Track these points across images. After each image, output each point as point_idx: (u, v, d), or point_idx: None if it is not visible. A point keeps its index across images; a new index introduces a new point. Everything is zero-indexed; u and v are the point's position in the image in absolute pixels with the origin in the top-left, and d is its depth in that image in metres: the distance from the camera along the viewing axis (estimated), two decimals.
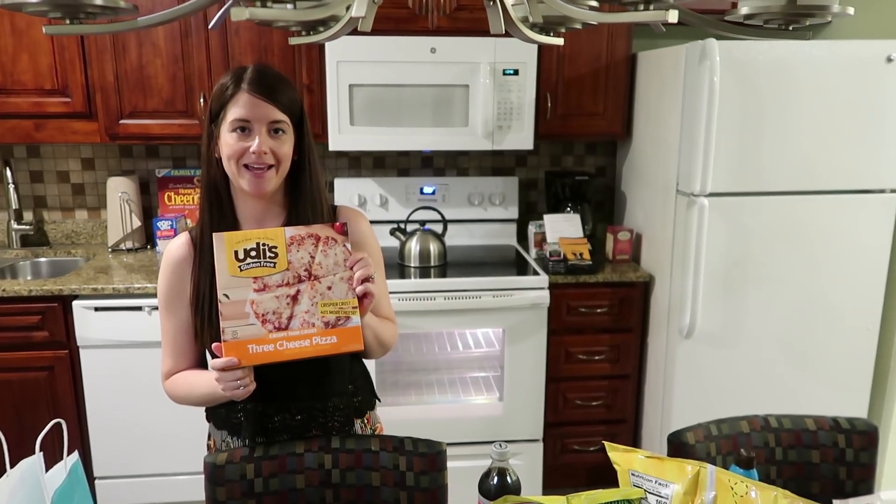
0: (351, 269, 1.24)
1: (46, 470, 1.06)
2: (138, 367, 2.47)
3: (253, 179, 1.28)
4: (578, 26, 0.91)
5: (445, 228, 2.83)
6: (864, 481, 1.49)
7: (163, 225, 2.84)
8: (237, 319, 1.19)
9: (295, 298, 1.21)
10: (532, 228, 2.89)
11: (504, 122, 2.68)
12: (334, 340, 1.23)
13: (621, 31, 2.72)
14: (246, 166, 1.28)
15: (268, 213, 1.37)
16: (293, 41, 0.91)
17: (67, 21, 0.75)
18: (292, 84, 1.33)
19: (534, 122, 2.72)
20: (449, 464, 1.41)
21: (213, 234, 1.19)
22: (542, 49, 2.69)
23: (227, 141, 1.27)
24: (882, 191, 2.44)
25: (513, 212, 3.08)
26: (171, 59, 2.57)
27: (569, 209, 2.95)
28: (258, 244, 1.19)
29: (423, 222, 2.81)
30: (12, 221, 2.90)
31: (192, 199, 2.96)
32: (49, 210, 2.99)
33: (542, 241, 2.84)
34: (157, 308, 2.41)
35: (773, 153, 2.35)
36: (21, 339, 2.44)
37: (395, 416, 2.54)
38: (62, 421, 1.14)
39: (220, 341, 1.24)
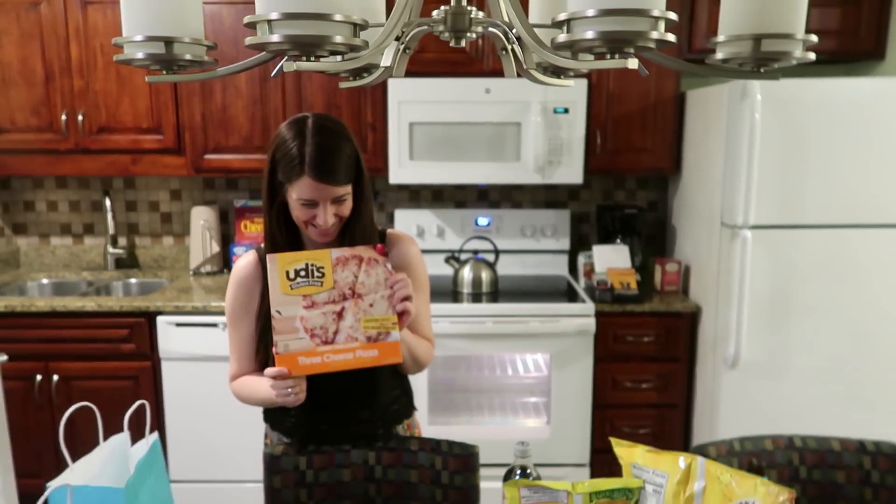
0: (391, 287, 1.37)
1: (131, 445, 1.26)
2: (212, 378, 2.70)
3: (319, 234, 1.43)
4: (585, 71, 1.05)
5: (497, 257, 2.98)
6: (891, 503, 1.52)
7: (238, 251, 3.11)
8: (288, 334, 1.34)
9: (340, 315, 1.36)
10: (581, 259, 3.00)
11: (554, 157, 2.83)
12: (375, 354, 1.37)
13: (669, 71, 2.84)
14: (313, 225, 1.41)
15: (325, 244, 1.54)
16: (343, 85, 1.10)
17: (164, 72, 0.96)
18: (350, 141, 1.42)
19: (583, 158, 2.85)
20: (496, 484, 1.45)
21: (267, 256, 1.33)
22: (592, 88, 2.84)
23: (296, 206, 1.39)
24: None
25: (564, 243, 3.20)
26: (251, 101, 2.85)
27: (618, 241, 3.04)
28: (307, 265, 1.34)
29: (476, 251, 2.96)
30: (108, 246, 3.23)
31: None
32: (140, 236, 3.31)
33: (590, 271, 2.94)
34: None
35: (816, 187, 2.40)
36: (111, 350, 2.72)
37: (445, 435, 2.66)
38: (146, 402, 1.33)
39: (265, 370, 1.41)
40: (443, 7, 0.92)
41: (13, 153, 2.88)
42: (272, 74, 0.92)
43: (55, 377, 2.72)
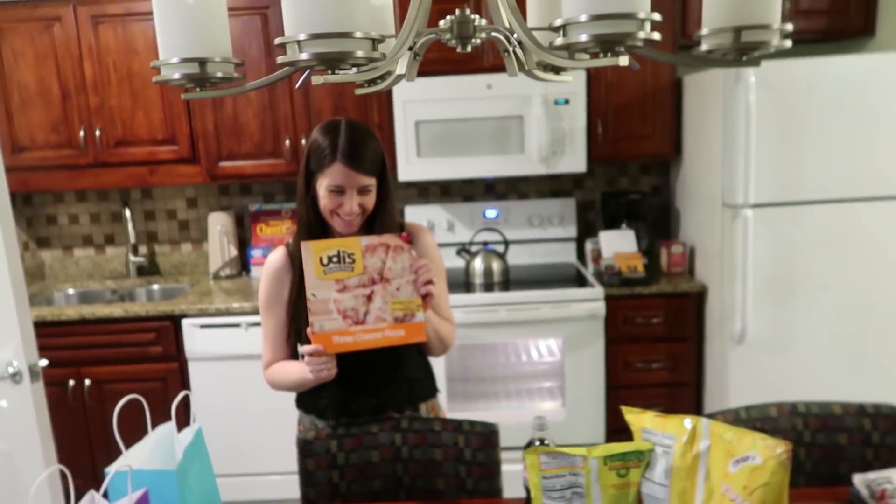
0: (416, 272, 1.49)
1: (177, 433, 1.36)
2: (237, 376, 2.81)
3: (343, 225, 1.56)
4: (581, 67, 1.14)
5: (507, 248, 3.06)
6: (892, 462, 1.60)
7: (255, 253, 3.21)
8: (323, 315, 1.46)
9: (369, 298, 1.48)
10: (589, 245, 3.08)
11: (557, 147, 2.91)
12: (402, 333, 1.50)
13: None
14: (338, 214, 1.55)
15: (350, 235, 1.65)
16: (359, 91, 1.19)
17: (198, 89, 1.05)
18: (377, 139, 1.57)
19: (586, 147, 2.93)
20: (516, 466, 1.53)
21: (302, 243, 1.46)
22: (591, 79, 2.92)
23: (324, 195, 1.54)
24: None
25: (571, 231, 3.28)
26: (261, 108, 2.95)
27: (624, 226, 3.12)
28: (339, 252, 1.46)
29: (486, 243, 3.05)
30: (129, 254, 3.34)
31: (281, 229, 3.33)
32: (159, 244, 3.42)
33: (598, 256, 3.03)
34: (253, 325, 2.75)
35: (813, 164, 2.47)
36: (139, 353, 2.83)
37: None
38: (189, 393, 1.42)
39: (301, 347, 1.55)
40: (448, 17, 1.01)
41: (34, 170, 2.99)
42: (297, 86, 1.01)
43: (87, 381, 2.83)
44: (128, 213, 3.23)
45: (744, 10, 0.97)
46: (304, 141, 2.96)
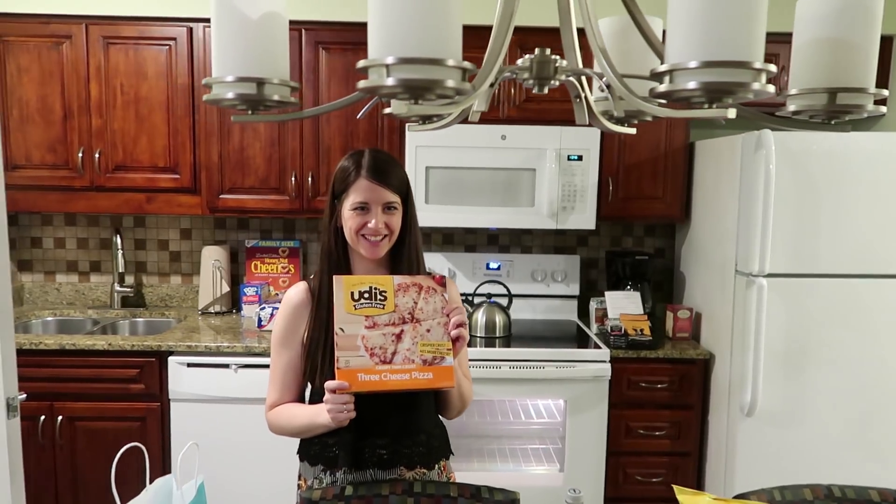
0: (448, 315, 1.43)
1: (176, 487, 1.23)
2: (223, 420, 2.65)
3: (370, 247, 1.51)
4: (649, 118, 1.09)
5: (511, 301, 2.98)
6: None
7: (249, 291, 3.09)
8: (350, 350, 1.38)
9: (399, 337, 1.41)
10: (593, 304, 3.01)
11: (568, 203, 2.87)
12: (430, 376, 1.42)
13: (679, 122, 2.91)
14: (364, 236, 1.50)
15: (375, 271, 1.59)
16: (413, 128, 1.12)
17: (249, 112, 0.97)
18: (401, 165, 1.56)
19: (596, 204, 2.90)
20: None
21: (334, 277, 1.40)
22: (605, 137, 2.90)
23: (349, 216, 1.51)
24: None
25: (574, 289, 3.22)
26: (269, 143, 2.88)
27: (629, 287, 3.07)
28: (371, 288, 1.40)
29: (489, 295, 2.97)
30: (115, 284, 3.19)
31: (276, 268, 3.22)
32: (148, 275, 3.29)
33: (603, 316, 2.96)
34: (244, 367, 2.62)
35: (829, 237, 2.45)
36: (119, 390, 2.66)
37: (459, 480, 2.62)
38: (196, 444, 1.30)
39: (326, 382, 1.45)
40: (527, 56, 0.95)
41: (26, 189, 2.87)
42: (358, 116, 0.94)
43: (59, 418, 2.65)
44: (119, 240, 3.10)
45: (839, 72, 0.92)
46: (310, 179, 2.89)
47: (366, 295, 1.39)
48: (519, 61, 0.95)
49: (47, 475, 2.69)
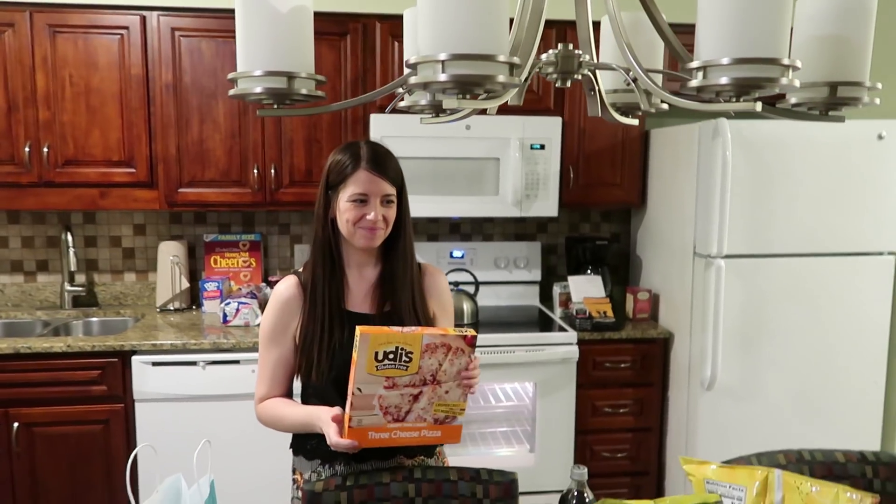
0: (469, 373, 1.41)
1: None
2: (192, 419, 2.60)
3: (367, 235, 1.51)
4: (652, 111, 1.14)
5: (477, 289, 3.03)
6: None
7: (209, 286, 3.02)
8: (364, 410, 1.36)
9: (416, 397, 1.39)
10: (557, 289, 3.09)
11: (531, 191, 2.93)
12: (438, 434, 1.44)
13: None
14: (361, 227, 1.50)
15: (368, 262, 1.59)
16: (426, 121, 1.13)
17: (276, 106, 0.97)
18: (396, 158, 1.56)
19: (558, 192, 2.97)
20: None
21: (360, 333, 1.31)
22: (565, 126, 2.97)
23: (347, 208, 1.49)
24: (880, 253, 2.68)
25: (536, 274, 3.29)
26: (229, 134, 2.81)
27: (589, 271, 3.16)
28: (397, 348, 1.33)
29: (456, 283, 3.00)
30: (65, 283, 3.06)
31: (237, 262, 3.16)
32: (100, 273, 3.16)
33: (567, 300, 3.04)
34: (211, 363, 2.58)
35: (780, 219, 2.60)
36: (80, 393, 2.57)
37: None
38: (209, 441, 1.28)
39: (323, 381, 1.51)
40: (551, 51, 0.98)
41: None
42: (387, 110, 0.95)
43: (16, 424, 2.54)
44: (70, 238, 2.97)
45: (839, 67, 0.99)
46: (273, 171, 2.84)
47: (391, 356, 1.33)
48: (543, 56, 0.98)
49: (3, 485, 2.57)
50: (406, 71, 1.11)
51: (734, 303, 2.63)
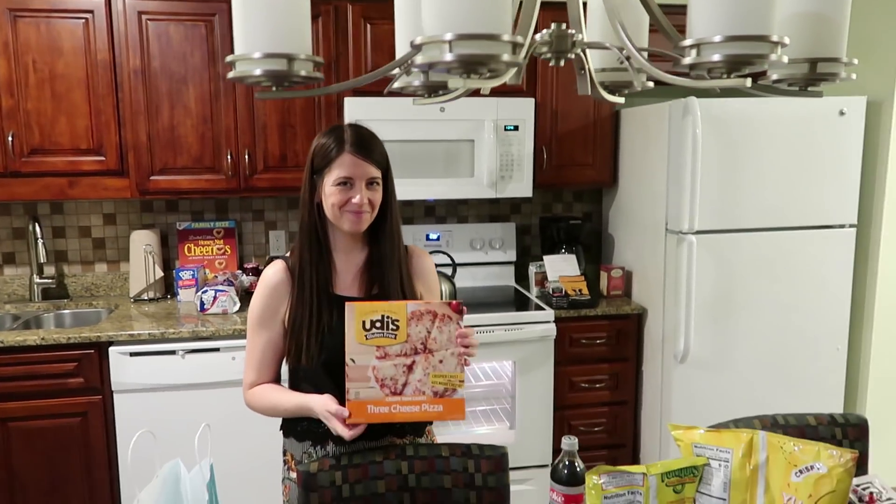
0: (461, 341, 1.42)
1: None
2: (171, 408, 2.58)
3: (353, 219, 1.51)
4: (639, 88, 1.17)
5: (455, 270, 3.05)
6: (861, 466, 1.74)
7: (184, 275, 2.99)
8: (360, 382, 1.38)
9: (410, 368, 1.41)
10: (532, 269, 3.14)
11: (506, 172, 2.96)
12: (440, 409, 1.44)
13: None
14: (348, 211, 1.50)
15: (355, 246, 1.60)
16: (418, 102, 1.15)
17: (274, 88, 0.97)
18: (381, 140, 1.56)
19: (532, 173, 3.00)
20: None
21: (346, 305, 1.37)
22: (538, 107, 3.00)
23: (332, 192, 1.50)
24: (842, 226, 2.79)
25: (511, 255, 3.33)
26: (201, 120, 2.77)
27: (563, 251, 3.21)
28: (383, 316, 1.38)
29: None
30: (34, 276, 3.00)
31: (211, 249, 3.13)
32: (69, 264, 3.10)
33: (543, 280, 3.09)
34: (190, 352, 2.56)
35: (748, 195, 2.68)
36: (56, 386, 2.53)
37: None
38: (209, 425, 1.29)
39: (313, 364, 1.52)
40: (545, 31, 1.00)
41: None
42: (385, 91, 0.96)
43: None
44: (38, 229, 2.91)
45: (818, 43, 1.03)
46: (247, 157, 2.81)
47: (377, 324, 1.37)
48: (538, 36, 1.00)
49: None
50: (399, 53, 1.12)
51: (705, 277, 2.70)
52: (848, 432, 1.76)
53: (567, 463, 1.40)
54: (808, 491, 1.08)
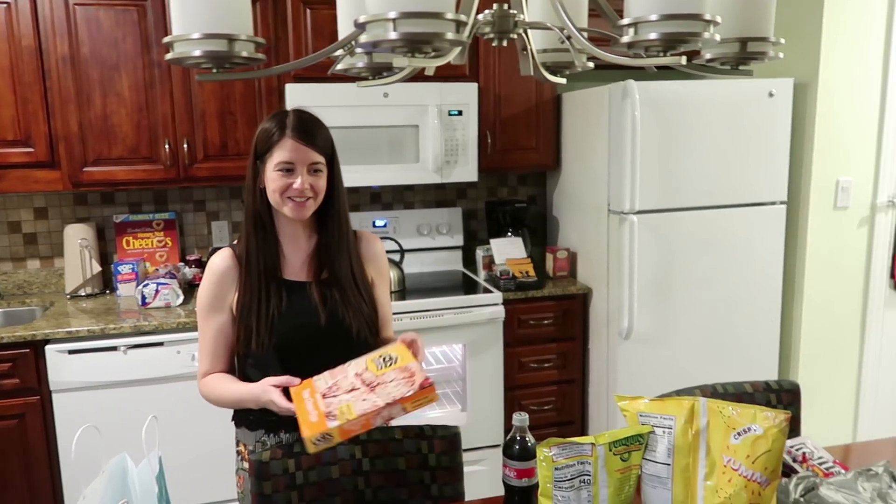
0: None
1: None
2: (116, 405, 2.51)
3: (295, 208, 1.50)
4: (579, 69, 1.19)
5: (402, 256, 3.06)
6: (794, 429, 1.83)
7: (124, 269, 2.90)
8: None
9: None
10: (480, 252, 3.17)
11: (451, 157, 2.97)
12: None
13: None
14: (290, 197, 1.48)
15: (302, 232, 1.58)
16: (362, 85, 1.14)
17: (214, 70, 0.95)
18: (325, 126, 1.55)
19: (477, 157, 3.02)
20: None
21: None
22: (481, 92, 3.01)
23: (273, 178, 1.48)
24: (773, 203, 2.91)
25: (458, 239, 3.35)
26: (136, 108, 2.68)
27: (510, 234, 3.25)
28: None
29: None
30: None
31: (151, 242, 3.04)
32: None
33: (490, 263, 3.12)
34: (133, 347, 2.50)
35: (685, 174, 2.76)
36: None
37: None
38: (156, 417, 1.26)
39: (264, 349, 1.52)
40: (487, 11, 1.01)
41: None
42: (329, 71, 0.95)
43: None
44: None
45: (748, 23, 1.08)
46: (185, 146, 2.74)
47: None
48: (480, 16, 1.01)
49: None
50: (341, 33, 1.11)
51: (647, 256, 2.78)
52: (782, 397, 1.85)
53: (518, 438, 1.43)
54: (745, 452, 1.13)
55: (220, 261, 1.56)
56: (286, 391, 1.42)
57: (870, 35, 2.86)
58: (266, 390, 1.43)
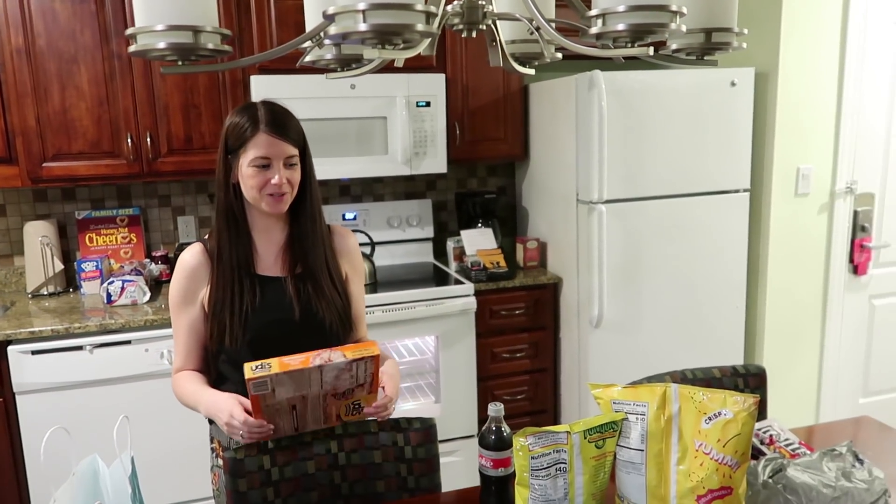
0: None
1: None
2: (83, 405, 2.46)
3: (272, 202, 1.48)
4: (548, 60, 1.20)
5: (373, 249, 3.04)
6: (761, 412, 1.88)
7: (87, 266, 2.83)
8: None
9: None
10: (450, 244, 3.17)
11: (420, 149, 2.96)
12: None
13: None
14: (268, 193, 1.47)
15: (275, 226, 1.57)
16: (331, 77, 1.13)
17: (180, 62, 0.93)
18: (296, 117, 1.53)
19: (446, 148, 3.02)
20: None
21: None
22: (449, 83, 3.01)
23: (250, 174, 1.46)
24: (737, 191, 2.96)
25: (428, 231, 3.35)
26: (96, 102, 2.62)
27: (480, 225, 3.26)
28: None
29: None
30: None
31: (115, 238, 2.98)
32: None
33: (461, 254, 3.13)
34: (99, 346, 2.45)
35: (651, 163, 2.80)
36: None
37: None
38: (127, 417, 1.24)
39: (238, 345, 1.51)
40: (456, 2, 1.01)
41: None
42: (298, 63, 0.94)
43: None
44: None
45: (712, 14, 1.09)
46: (149, 139, 2.68)
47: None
48: (449, 7, 1.00)
49: None
50: (308, 24, 1.10)
51: (615, 244, 2.82)
52: (749, 381, 1.89)
53: (494, 428, 1.44)
54: (716, 436, 1.16)
55: (191, 256, 1.54)
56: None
57: (827, 25, 2.93)
58: (230, 407, 1.40)
